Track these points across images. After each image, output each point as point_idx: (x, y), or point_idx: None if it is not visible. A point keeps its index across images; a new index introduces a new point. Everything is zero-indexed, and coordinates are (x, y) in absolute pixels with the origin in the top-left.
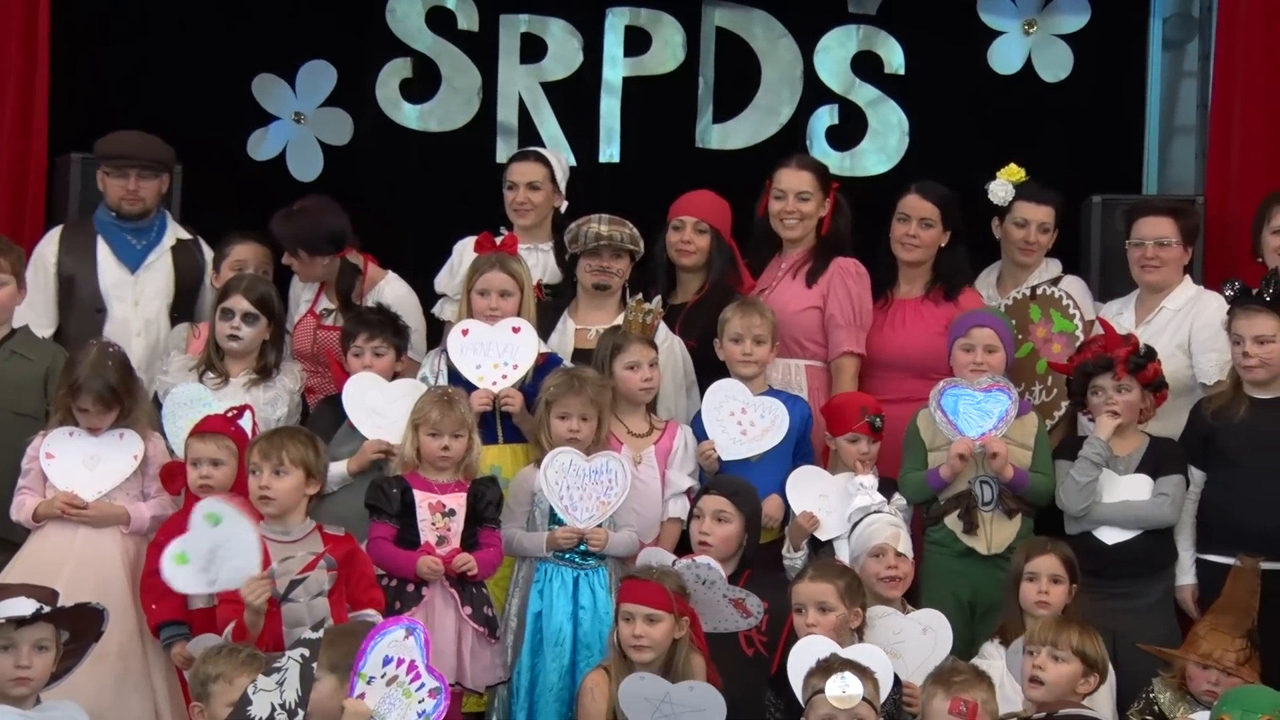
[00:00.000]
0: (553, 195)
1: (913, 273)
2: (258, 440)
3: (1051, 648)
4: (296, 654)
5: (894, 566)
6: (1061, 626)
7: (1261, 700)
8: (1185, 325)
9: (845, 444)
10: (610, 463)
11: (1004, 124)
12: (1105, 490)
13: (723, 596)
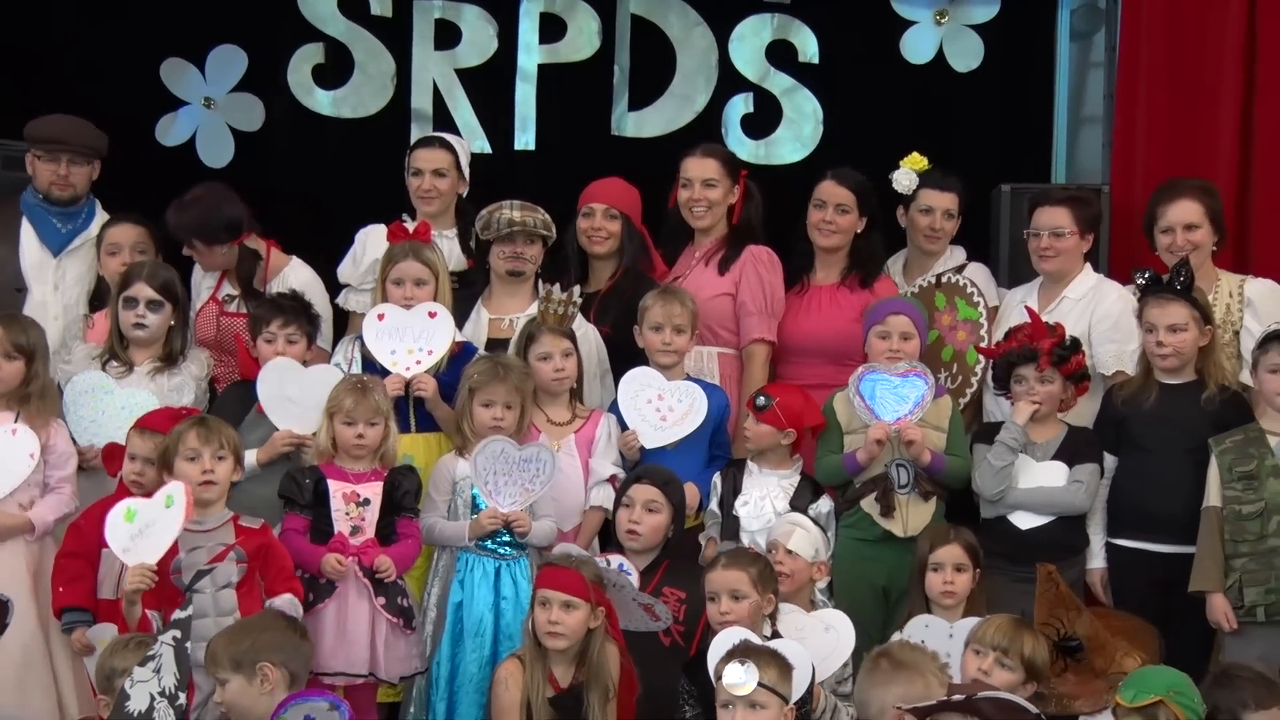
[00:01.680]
0: (458, 182)
1: (829, 259)
2: (188, 426)
3: (1001, 654)
4: (168, 637)
5: (780, 563)
6: (1015, 633)
7: (1156, 681)
8: (1086, 315)
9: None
10: (541, 453)
11: (916, 113)
12: (1021, 476)
13: (632, 600)
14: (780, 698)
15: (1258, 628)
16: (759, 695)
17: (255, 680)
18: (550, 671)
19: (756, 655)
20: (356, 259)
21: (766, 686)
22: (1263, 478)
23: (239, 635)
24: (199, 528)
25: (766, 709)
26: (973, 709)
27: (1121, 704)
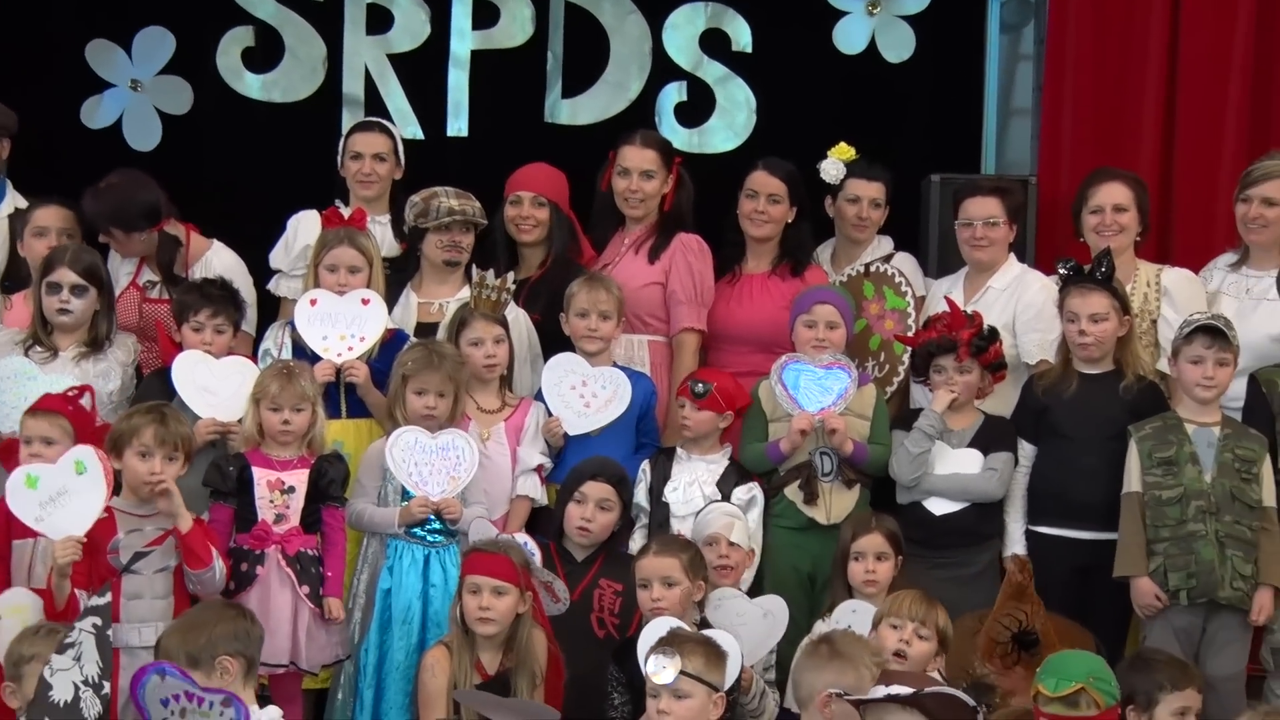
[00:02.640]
0: (395, 167)
1: (760, 248)
2: (147, 421)
3: (919, 625)
4: (87, 624)
5: (725, 556)
6: (929, 605)
7: (1075, 668)
8: (1010, 305)
9: (675, 409)
10: (456, 439)
11: (848, 103)
12: (937, 462)
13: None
14: (707, 686)
15: (1177, 611)
16: (683, 684)
17: (215, 674)
18: (478, 658)
19: (682, 644)
20: (288, 245)
21: (690, 675)
22: (1181, 464)
23: (192, 631)
24: (138, 510)
25: (692, 697)
26: (917, 705)
27: (1043, 692)
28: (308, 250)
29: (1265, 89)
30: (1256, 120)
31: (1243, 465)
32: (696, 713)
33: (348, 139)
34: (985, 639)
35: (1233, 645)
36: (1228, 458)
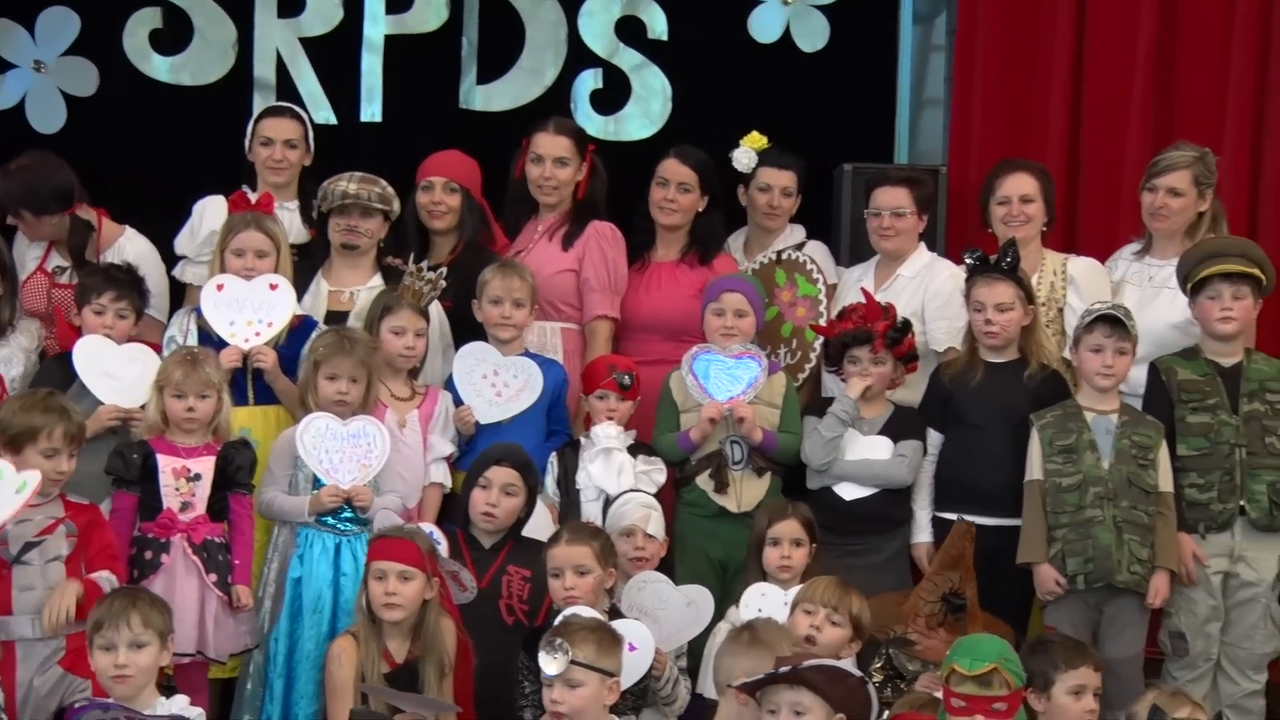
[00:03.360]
0: (305, 154)
1: (670, 237)
2: (55, 421)
3: (832, 610)
4: None
5: (642, 548)
6: (844, 592)
7: (988, 649)
8: (919, 293)
9: (595, 401)
10: (367, 426)
11: (763, 92)
12: (848, 448)
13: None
14: (600, 672)
15: (1076, 595)
16: (575, 674)
17: (166, 651)
18: (385, 647)
19: (572, 633)
20: (194, 230)
21: (581, 664)
22: (1080, 451)
23: (155, 606)
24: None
25: (585, 686)
26: (799, 679)
27: (959, 671)
28: (214, 236)
29: (1168, 82)
30: (1160, 112)
31: (1140, 452)
32: (590, 700)
33: (257, 124)
34: (914, 598)
35: (1131, 628)
36: (1125, 444)
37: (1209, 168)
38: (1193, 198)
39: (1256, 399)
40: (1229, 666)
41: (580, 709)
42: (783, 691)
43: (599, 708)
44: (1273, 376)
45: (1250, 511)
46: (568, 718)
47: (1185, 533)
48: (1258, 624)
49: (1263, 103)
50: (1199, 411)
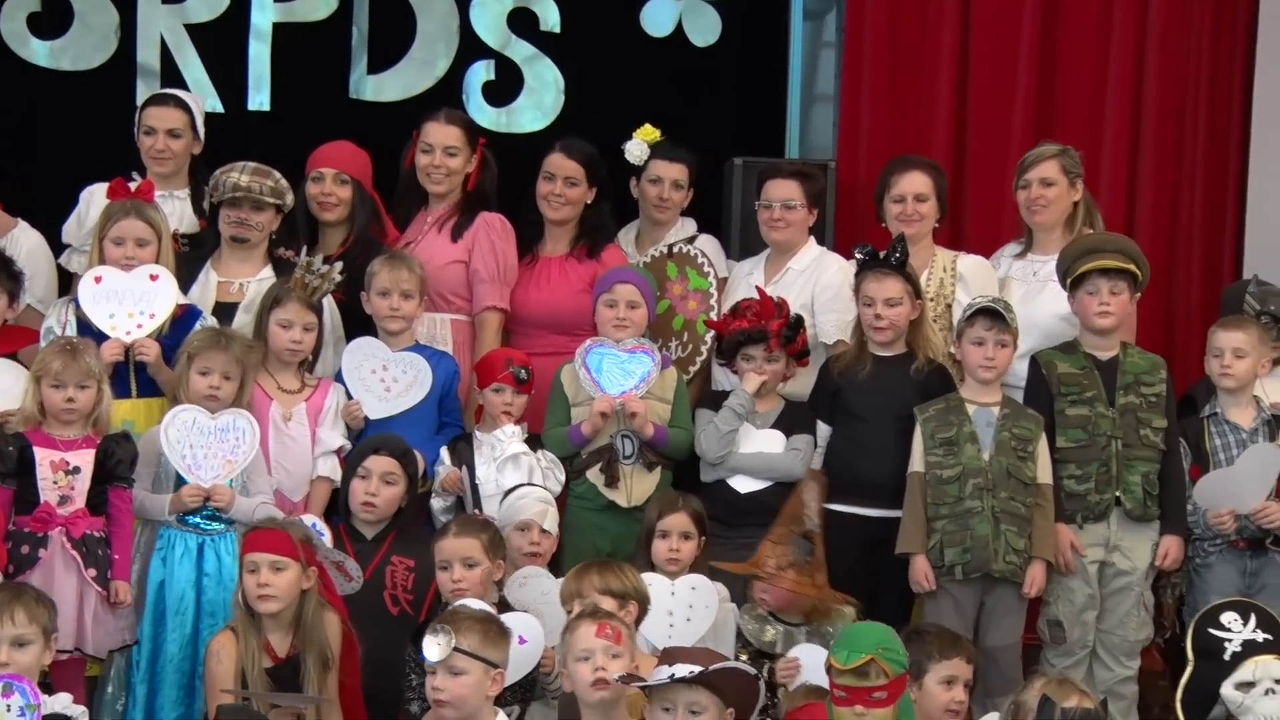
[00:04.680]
0: (192, 142)
1: (558, 231)
2: None
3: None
4: None
5: (537, 543)
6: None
7: (865, 640)
8: (809, 286)
9: (490, 395)
10: (238, 420)
11: (656, 85)
12: (742, 442)
13: (325, 558)
14: (484, 662)
15: (955, 585)
16: (457, 661)
17: (49, 649)
18: (266, 641)
19: (458, 622)
20: (81, 218)
21: (465, 652)
22: (961, 444)
23: (41, 603)
24: None
25: (468, 674)
26: (703, 683)
27: (836, 665)
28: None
29: (1049, 80)
30: (1042, 111)
31: (1019, 444)
32: (472, 690)
33: (141, 113)
34: (761, 550)
35: (1009, 617)
36: (1005, 437)
37: (1074, 160)
38: (1064, 187)
39: (1132, 391)
40: (1104, 653)
41: (462, 697)
42: (680, 690)
43: (481, 698)
44: (1147, 370)
45: (1125, 502)
46: (449, 706)
47: (1063, 523)
48: (1131, 612)
49: (1140, 100)
50: (1077, 404)
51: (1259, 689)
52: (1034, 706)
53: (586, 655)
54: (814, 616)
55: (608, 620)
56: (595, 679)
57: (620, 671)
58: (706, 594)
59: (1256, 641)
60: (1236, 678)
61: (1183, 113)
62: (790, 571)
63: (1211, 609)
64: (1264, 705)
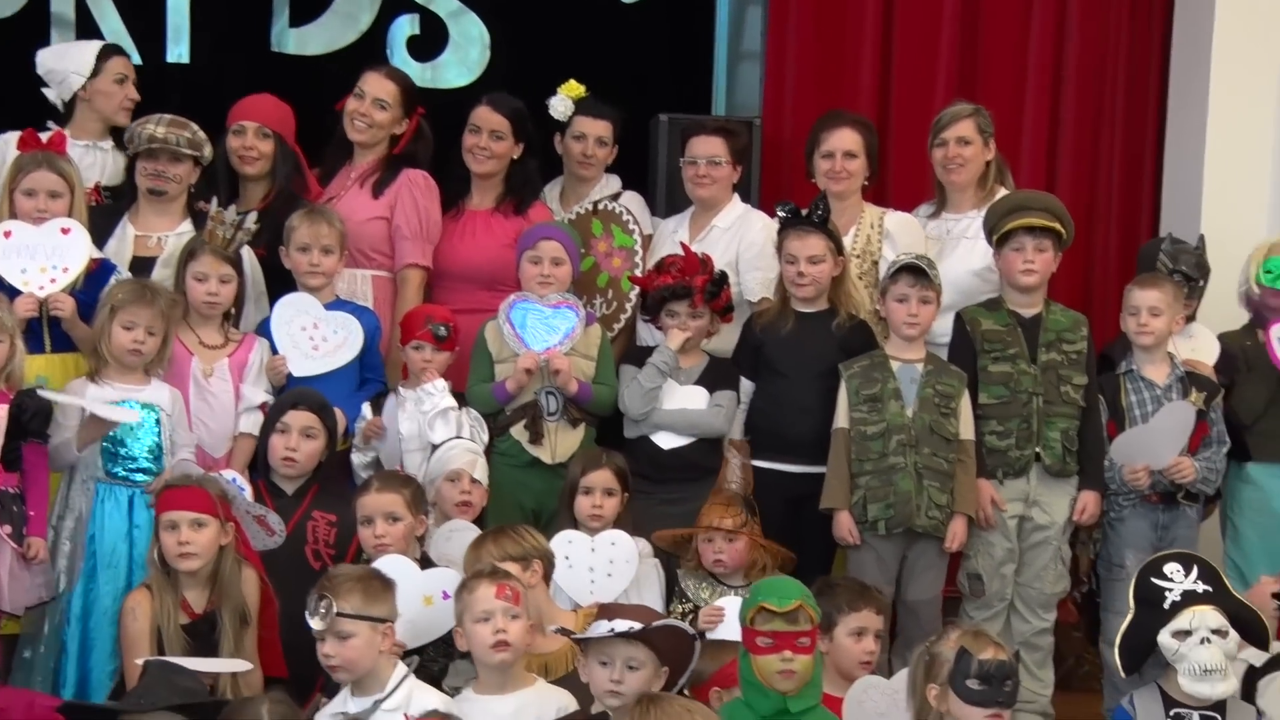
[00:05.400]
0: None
1: (484, 185)
2: None
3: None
4: None
5: (468, 492)
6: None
7: (792, 587)
8: (734, 244)
9: (411, 351)
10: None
11: (582, 41)
12: (665, 398)
13: (245, 513)
14: (370, 620)
15: (878, 540)
16: (343, 625)
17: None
18: (183, 598)
19: (337, 586)
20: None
21: (349, 615)
22: (885, 400)
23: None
24: None
25: (355, 636)
26: (643, 639)
27: (768, 608)
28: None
29: (972, 40)
30: (965, 70)
31: (942, 400)
32: (362, 650)
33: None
34: (713, 506)
35: (930, 572)
36: (929, 393)
37: (987, 119)
38: (980, 146)
39: (1054, 349)
40: (1021, 606)
41: (354, 660)
42: (619, 645)
43: (374, 654)
44: (1069, 327)
45: (1045, 458)
46: (342, 670)
47: (984, 479)
48: (1049, 565)
49: (1061, 60)
50: (1000, 361)
51: (1195, 638)
52: (949, 658)
53: (486, 616)
54: (753, 575)
55: (506, 581)
56: (496, 640)
57: (521, 632)
58: (627, 550)
59: (1196, 592)
60: (1174, 626)
61: (1102, 72)
62: (747, 531)
63: (1156, 559)
64: (1198, 654)
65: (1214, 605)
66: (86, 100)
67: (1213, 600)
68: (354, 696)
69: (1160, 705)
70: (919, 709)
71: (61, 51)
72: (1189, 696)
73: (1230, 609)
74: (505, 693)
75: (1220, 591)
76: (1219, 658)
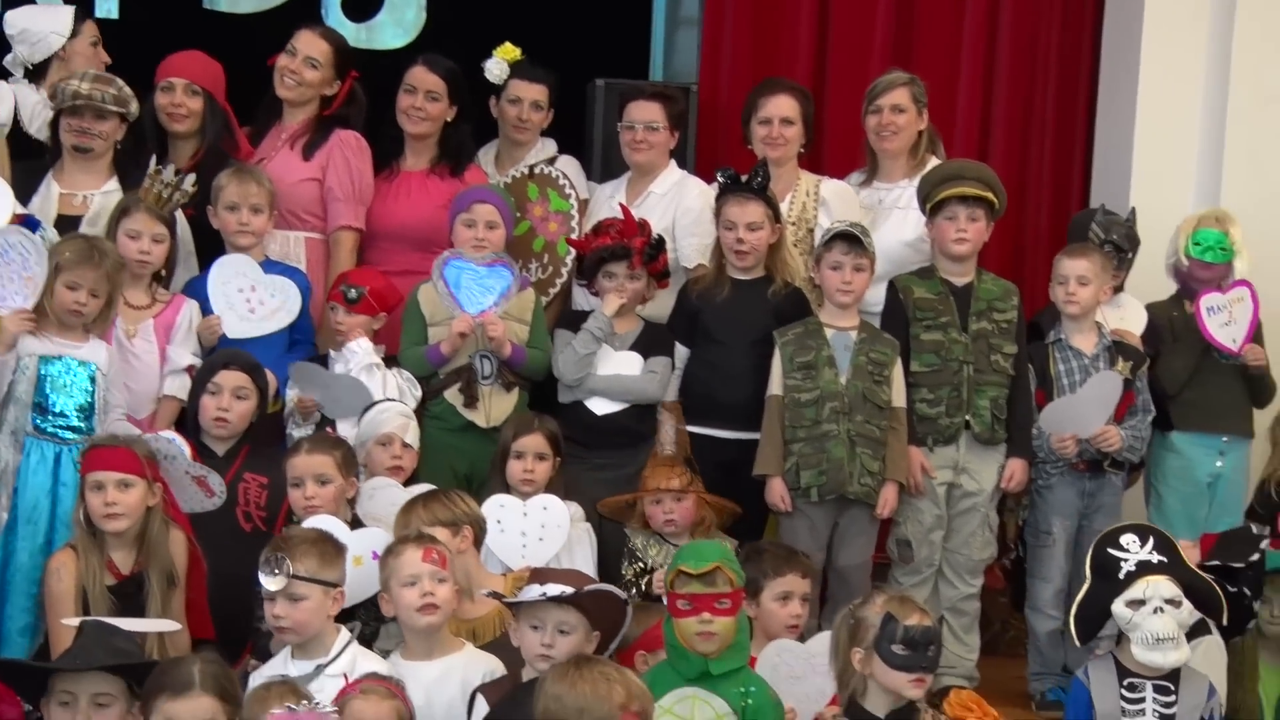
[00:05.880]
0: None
1: (419, 146)
2: None
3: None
4: None
5: (399, 456)
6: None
7: (710, 550)
8: (670, 210)
9: (328, 313)
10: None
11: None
12: (600, 364)
13: (185, 473)
14: (324, 585)
15: (810, 506)
16: (297, 588)
17: None
18: (109, 559)
19: (293, 547)
20: None
21: (303, 578)
22: (819, 367)
23: None
24: None
25: (307, 599)
26: (574, 603)
27: (685, 571)
28: None
29: (908, 8)
30: (901, 39)
31: (875, 368)
32: (313, 613)
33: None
34: (657, 469)
35: (860, 538)
36: (862, 361)
37: (922, 89)
38: (913, 115)
39: (985, 318)
40: (949, 571)
41: (304, 623)
42: (551, 609)
43: (323, 619)
44: (1000, 296)
45: (974, 425)
46: (291, 632)
47: (914, 446)
48: (976, 531)
49: (995, 31)
50: (932, 329)
51: (1148, 607)
52: (875, 623)
53: (412, 580)
54: (698, 533)
55: (432, 545)
56: (423, 604)
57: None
58: (559, 514)
59: (1151, 562)
60: (1128, 595)
61: (1035, 45)
62: (694, 487)
63: (1113, 530)
64: (1151, 623)
65: (1168, 575)
66: (64, 60)
67: (1167, 571)
68: (295, 660)
69: (1114, 675)
70: (842, 672)
71: (34, 12)
72: (1142, 666)
73: (1184, 579)
74: (431, 658)
75: (1175, 562)
76: (1172, 627)
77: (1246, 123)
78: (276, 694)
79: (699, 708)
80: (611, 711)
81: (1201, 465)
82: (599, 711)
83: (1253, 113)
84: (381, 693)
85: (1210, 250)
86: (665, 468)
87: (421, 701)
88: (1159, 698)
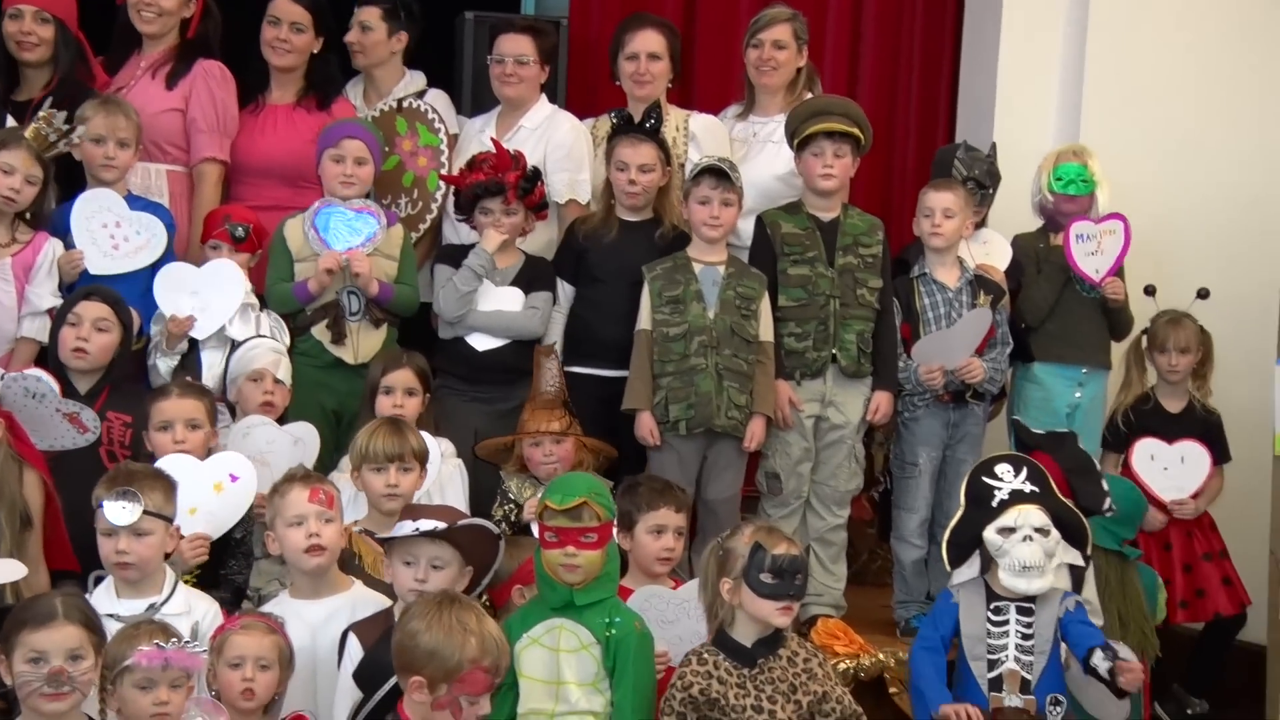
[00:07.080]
0: None
1: (285, 79)
2: None
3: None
4: None
5: (271, 392)
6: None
7: (579, 484)
8: (541, 145)
9: (209, 251)
10: None
11: None
12: (480, 299)
13: (55, 411)
14: (165, 520)
15: (679, 440)
16: (144, 523)
17: None
18: None
19: (141, 481)
20: None
21: (152, 513)
22: (687, 302)
23: None
24: None
25: (152, 535)
26: (446, 538)
27: (551, 506)
28: None
29: None
30: None
31: (743, 303)
32: (156, 549)
33: None
34: (535, 412)
35: (729, 471)
36: (730, 295)
37: (803, 25)
38: (794, 51)
39: (850, 253)
40: (816, 503)
41: (148, 559)
42: (424, 544)
43: (161, 556)
44: (865, 231)
45: (841, 359)
46: (134, 569)
47: (782, 380)
48: (843, 463)
49: None
50: (799, 264)
51: (1018, 535)
52: (743, 553)
53: (299, 520)
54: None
55: (319, 484)
56: (310, 544)
57: (334, 535)
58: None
59: (1024, 491)
60: (999, 523)
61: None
62: (573, 430)
63: (988, 459)
64: (1020, 550)
65: (1039, 505)
66: None
67: (1038, 500)
68: (123, 599)
69: (983, 597)
70: (711, 603)
71: None
72: (1008, 590)
73: (1054, 509)
74: (319, 597)
75: (1046, 493)
76: (1039, 555)
77: (1105, 61)
78: (146, 632)
79: (564, 637)
80: (461, 662)
81: (1061, 396)
82: (449, 659)
83: (1111, 51)
84: (262, 628)
85: (1073, 184)
86: (544, 410)
87: (307, 640)
88: (1021, 619)
